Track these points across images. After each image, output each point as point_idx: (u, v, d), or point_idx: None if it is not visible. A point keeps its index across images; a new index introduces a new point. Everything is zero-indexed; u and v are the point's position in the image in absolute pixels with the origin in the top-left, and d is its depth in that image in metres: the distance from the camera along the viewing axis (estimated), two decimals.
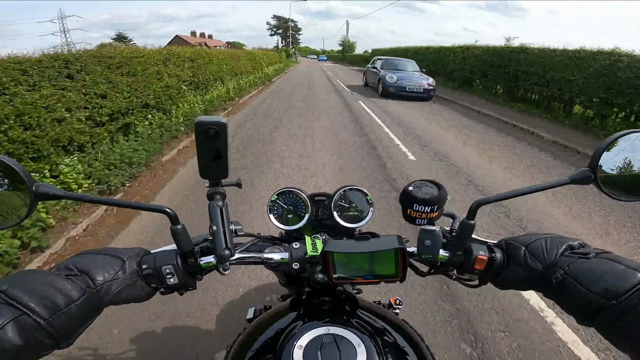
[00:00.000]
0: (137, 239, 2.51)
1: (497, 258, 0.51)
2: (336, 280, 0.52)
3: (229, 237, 0.49)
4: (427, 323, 1.76)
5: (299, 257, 0.57)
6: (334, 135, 5.36)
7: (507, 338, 1.70)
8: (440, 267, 0.55)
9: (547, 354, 1.63)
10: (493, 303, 1.91)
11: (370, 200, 0.71)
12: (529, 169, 4.33)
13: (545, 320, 1.82)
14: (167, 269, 0.49)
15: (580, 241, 0.48)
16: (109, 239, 2.53)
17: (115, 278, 0.46)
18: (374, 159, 4.28)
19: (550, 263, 0.46)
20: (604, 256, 0.43)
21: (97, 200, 0.50)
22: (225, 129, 0.45)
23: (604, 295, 0.39)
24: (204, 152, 0.46)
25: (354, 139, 5.18)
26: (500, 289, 0.53)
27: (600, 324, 0.40)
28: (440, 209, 0.51)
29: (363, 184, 1.10)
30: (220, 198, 0.51)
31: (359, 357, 0.47)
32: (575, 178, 0.47)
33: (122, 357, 1.57)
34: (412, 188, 0.52)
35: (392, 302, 0.99)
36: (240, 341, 0.62)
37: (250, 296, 1.92)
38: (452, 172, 3.98)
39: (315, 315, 0.59)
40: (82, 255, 0.47)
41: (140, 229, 2.65)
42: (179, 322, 1.76)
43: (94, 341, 1.61)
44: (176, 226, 0.49)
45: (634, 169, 0.48)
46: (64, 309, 0.39)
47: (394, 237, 0.49)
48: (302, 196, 0.70)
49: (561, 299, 0.45)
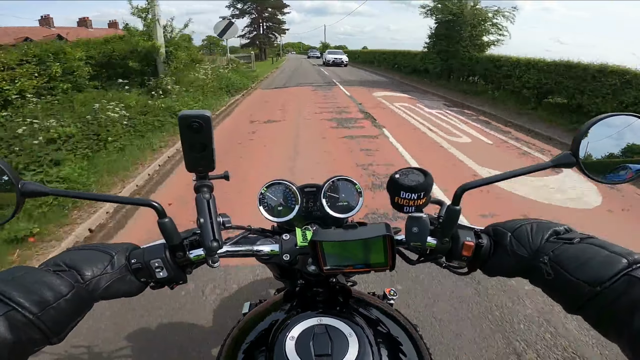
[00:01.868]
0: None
1: (483, 244, 0.51)
2: (327, 270, 0.52)
3: (216, 229, 0.49)
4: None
5: (289, 249, 0.57)
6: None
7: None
8: (429, 254, 0.55)
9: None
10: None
11: (359, 189, 0.71)
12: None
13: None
14: (155, 262, 0.49)
15: (566, 226, 0.48)
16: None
17: (104, 273, 0.46)
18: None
19: (535, 249, 0.45)
20: (589, 241, 0.43)
21: (83, 195, 0.50)
22: (210, 121, 0.45)
23: (588, 281, 0.38)
24: (189, 146, 0.46)
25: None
26: (489, 276, 0.53)
27: (587, 312, 0.39)
28: (427, 196, 0.51)
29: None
30: (208, 191, 0.51)
31: (351, 347, 0.47)
32: (558, 162, 0.47)
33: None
34: (398, 176, 0.52)
35: (387, 292, 1.00)
36: (234, 335, 0.63)
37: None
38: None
39: (308, 307, 0.60)
40: (70, 252, 0.48)
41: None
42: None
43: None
44: (163, 219, 0.48)
45: (614, 152, 0.49)
46: (53, 304, 0.39)
47: (382, 224, 0.49)
48: (291, 188, 0.71)
49: (548, 286, 0.44)
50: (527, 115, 7.31)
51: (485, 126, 6.44)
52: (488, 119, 7.15)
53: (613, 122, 0.48)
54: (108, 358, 1.55)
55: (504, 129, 6.35)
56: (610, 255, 0.39)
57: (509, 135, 5.85)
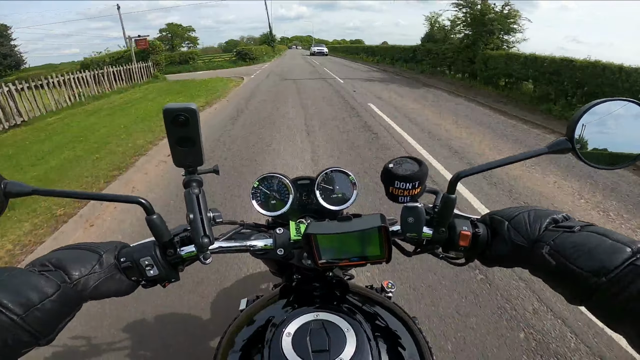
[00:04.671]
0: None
1: (480, 233, 0.50)
2: (322, 264, 0.51)
3: (207, 225, 0.48)
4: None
5: (283, 243, 0.56)
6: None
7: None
8: (426, 245, 0.55)
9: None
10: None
11: (354, 181, 0.70)
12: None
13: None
14: (145, 260, 0.48)
15: (564, 214, 0.46)
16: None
17: (92, 272, 0.44)
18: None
19: (534, 238, 0.44)
20: (590, 229, 0.41)
21: (69, 193, 0.48)
22: (196, 114, 0.43)
23: (593, 272, 0.36)
24: (176, 140, 0.45)
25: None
26: (487, 266, 0.53)
27: (591, 303, 0.38)
28: (422, 185, 0.50)
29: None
30: (197, 185, 0.49)
31: (348, 342, 0.47)
32: (554, 148, 0.47)
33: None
34: (392, 165, 0.51)
35: (384, 285, 1.00)
36: (231, 332, 0.62)
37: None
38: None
39: (305, 302, 0.59)
40: (57, 251, 0.46)
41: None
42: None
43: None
44: (151, 216, 0.47)
45: (609, 137, 0.49)
46: (38, 305, 0.38)
47: (377, 215, 0.48)
48: (284, 181, 0.69)
49: (548, 276, 0.43)
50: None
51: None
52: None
53: (608, 108, 0.48)
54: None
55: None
56: (613, 244, 0.38)
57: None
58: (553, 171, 3.62)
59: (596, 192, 3.18)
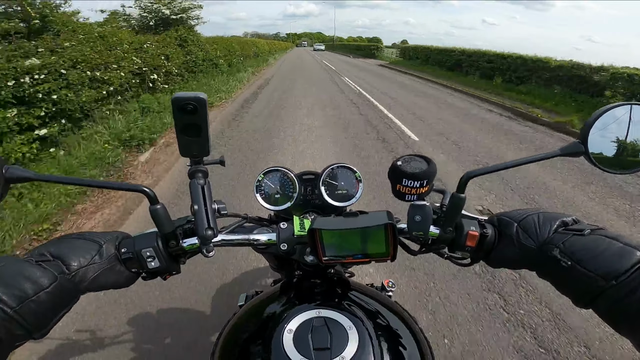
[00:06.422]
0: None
1: (488, 234, 0.50)
2: (326, 261, 0.51)
3: (211, 217, 0.47)
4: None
5: (287, 238, 0.56)
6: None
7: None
8: (432, 244, 0.54)
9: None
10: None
11: (359, 177, 0.69)
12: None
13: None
14: (147, 251, 0.47)
15: (574, 217, 0.46)
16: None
17: (92, 263, 0.43)
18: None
19: (543, 241, 0.44)
20: (600, 233, 0.41)
21: (71, 180, 0.47)
22: (205, 104, 0.42)
23: (602, 275, 0.37)
24: (183, 129, 0.44)
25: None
26: (493, 267, 0.52)
27: (599, 306, 0.38)
28: (430, 184, 0.50)
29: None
30: (202, 176, 0.48)
31: (351, 340, 0.46)
32: (567, 150, 0.47)
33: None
34: (400, 162, 0.50)
35: (385, 284, 0.99)
36: (230, 328, 0.61)
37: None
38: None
39: (306, 299, 0.58)
40: (56, 240, 0.45)
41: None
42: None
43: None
44: (155, 206, 0.46)
45: (623, 141, 0.48)
46: (33, 297, 0.37)
47: (384, 212, 0.47)
48: (289, 175, 0.68)
49: (557, 279, 0.43)
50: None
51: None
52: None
53: (622, 112, 0.47)
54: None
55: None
56: (623, 247, 0.38)
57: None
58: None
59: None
